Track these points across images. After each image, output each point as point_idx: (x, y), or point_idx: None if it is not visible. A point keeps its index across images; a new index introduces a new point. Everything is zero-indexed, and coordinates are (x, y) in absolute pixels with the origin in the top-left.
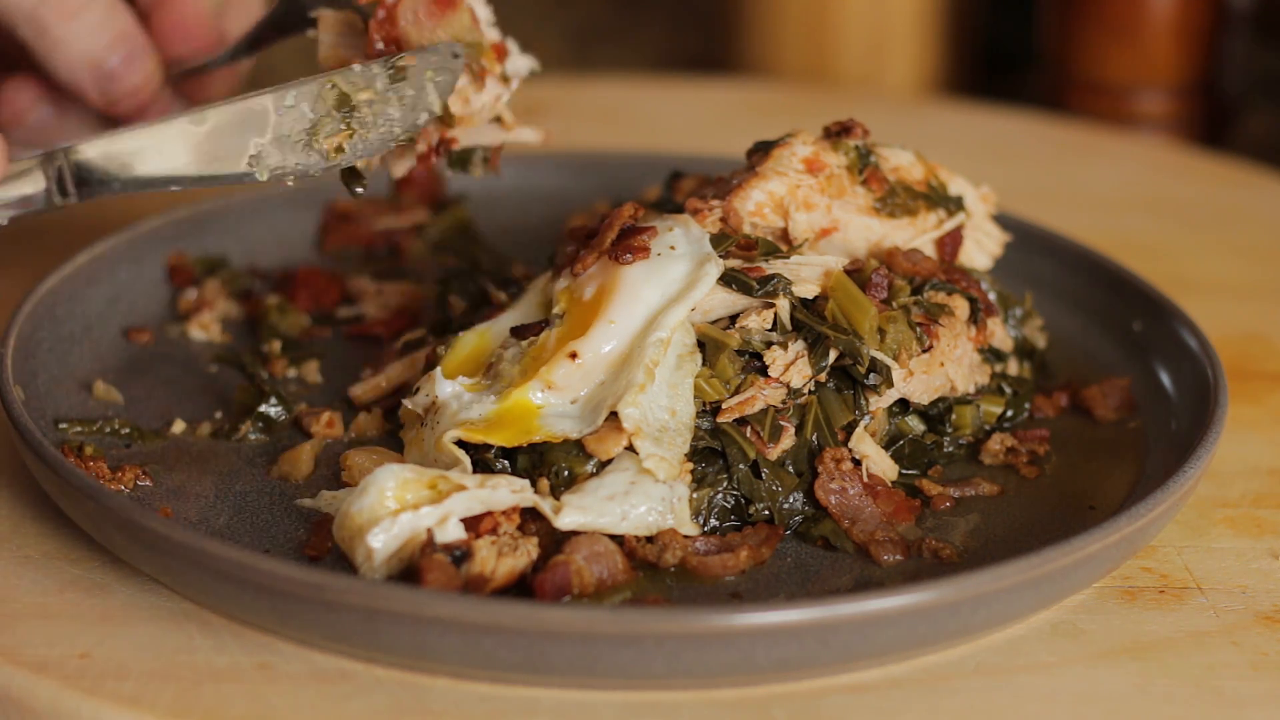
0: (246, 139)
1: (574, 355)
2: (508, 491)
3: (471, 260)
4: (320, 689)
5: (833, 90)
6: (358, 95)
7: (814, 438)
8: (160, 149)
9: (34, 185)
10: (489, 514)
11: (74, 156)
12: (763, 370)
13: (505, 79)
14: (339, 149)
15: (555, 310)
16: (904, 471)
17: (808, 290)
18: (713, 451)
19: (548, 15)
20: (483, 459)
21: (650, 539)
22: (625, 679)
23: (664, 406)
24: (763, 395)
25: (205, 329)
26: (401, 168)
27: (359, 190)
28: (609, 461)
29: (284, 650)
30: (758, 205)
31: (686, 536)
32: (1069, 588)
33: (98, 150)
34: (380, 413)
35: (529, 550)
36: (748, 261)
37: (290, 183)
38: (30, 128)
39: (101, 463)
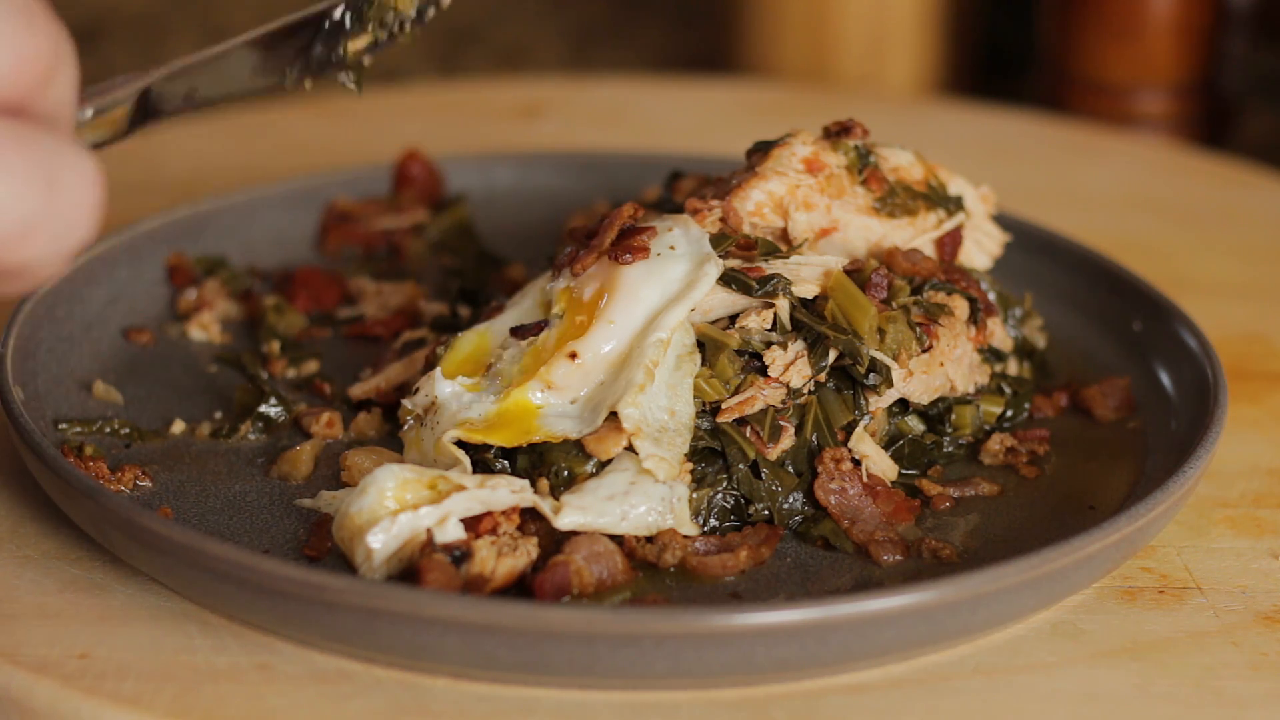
0: (291, 51)
1: (574, 355)
2: (507, 491)
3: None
4: (320, 689)
5: (833, 90)
6: None
7: (814, 438)
8: (222, 70)
9: (121, 115)
10: (489, 514)
11: (146, 85)
12: (762, 370)
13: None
14: (359, 51)
15: (555, 310)
16: (904, 471)
17: (807, 290)
18: (712, 451)
19: (548, 15)
20: (482, 459)
21: (650, 539)
22: (625, 679)
23: (663, 407)
24: (762, 395)
25: (205, 329)
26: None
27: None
28: (609, 461)
29: (284, 650)
30: (757, 205)
31: (686, 536)
32: (1069, 588)
33: (166, 77)
34: (380, 413)
35: (529, 550)
36: (747, 261)
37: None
38: None
39: (101, 463)
